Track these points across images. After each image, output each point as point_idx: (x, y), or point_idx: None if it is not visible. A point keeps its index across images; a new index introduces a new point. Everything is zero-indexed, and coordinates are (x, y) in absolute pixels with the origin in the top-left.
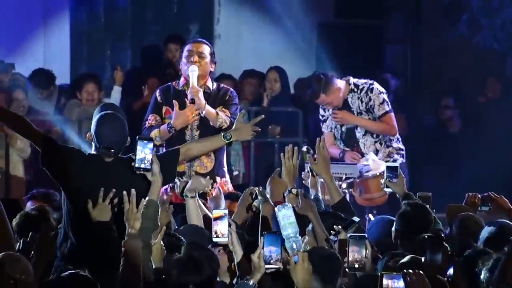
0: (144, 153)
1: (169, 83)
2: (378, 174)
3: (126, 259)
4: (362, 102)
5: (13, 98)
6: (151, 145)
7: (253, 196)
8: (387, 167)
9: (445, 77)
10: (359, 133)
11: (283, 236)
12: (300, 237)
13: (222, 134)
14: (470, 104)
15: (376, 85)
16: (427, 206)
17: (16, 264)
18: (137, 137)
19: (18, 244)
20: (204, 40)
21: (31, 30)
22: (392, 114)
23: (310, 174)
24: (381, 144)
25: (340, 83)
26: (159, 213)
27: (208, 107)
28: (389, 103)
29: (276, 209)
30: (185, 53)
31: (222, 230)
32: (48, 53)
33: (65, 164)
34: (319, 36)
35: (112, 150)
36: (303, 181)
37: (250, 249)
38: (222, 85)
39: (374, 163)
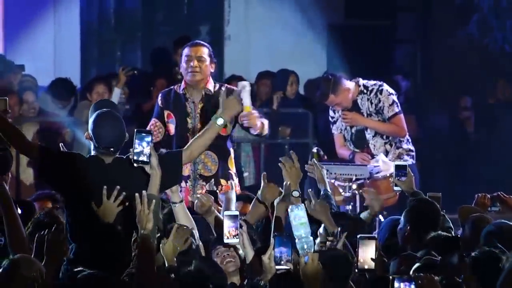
0: (141, 146)
1: (171, 87)
2: (388, 175)
3: (140, 261)
4: (371, 103)
5: (23, 100)
6: (149, 138)
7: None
8: (396, 165)
9: (455, 78)
10: (369, 135)
11: (294, 236)
12: (311, 238)
13: (213, 120)
14: (480, 105)
15: (386, 87)
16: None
17: (31, 265)
18: (135, 130)
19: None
20: (201, 42)
21: (42, 31)
22: (402, 115)
23: (316, 167)
24: (391, 145)
25: (349, 84)
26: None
27: (258, 124)
28: (398, 104)
29: (289, 209)
30: (183, 58)
31: (233, 231)
32: (58, 54)
33: (63, 172)
34: (330, 37)
35: (112, 149)
36: (308, 173)
37: (260, 250)
38: (225, 85)
39: (384, 164)
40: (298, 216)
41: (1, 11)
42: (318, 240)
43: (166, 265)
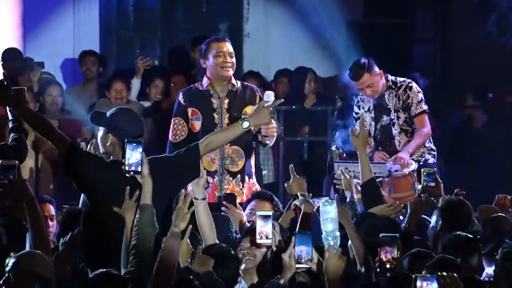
0: (134, 156)
1: (191, 85)
2: (407, 173)
3: (163, 256)
4: (399, 100)
5: (45, 94)
6: (140, 148)
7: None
8: (425, 172)
9: (474, 77)
10: (395, 130)
11: (322, 230)
12: (338, 234)
13: (240, 121)
14: (499, 103)
15: (415, 84)
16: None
17: (35, 260)
18: (125, 140)
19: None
20: (225, 38)
21: (61, 29)
22: (427, 115)
23: (343, 176)
24: None
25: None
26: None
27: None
28: (426, 103)
29: (321, 204)
30: (213, 53)
31: (266, 231)
32: (77, 52)
33: (88, 173)
34: (348, 34)
35: (140, 138)
36: (337, 186)
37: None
38: (246, 83)
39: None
40: (326, 211)
41: (21, 9)
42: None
43: (181, 265)
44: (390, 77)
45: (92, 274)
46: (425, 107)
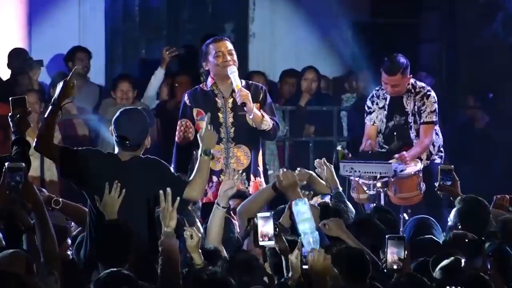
0: None
1: (196, 86)
2: (413, 173)
3: (164, 258)
4: (415, 105)
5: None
6: None
7: None
8: (441, 170)
9: (480, 77)
10: (412, 134)
11: (299, 232)
12: (317, 233)
13: (202, 154)
14: (505, 104)
15: (433, 93)
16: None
17: (18, 262)
18: None
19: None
20: (224, 37)
21: (66, 29)
22: (434, 127)
23: (326, 167)
24: (433, 145)
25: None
26: None
27: (255, 110)
28: (437, 115)
29: (293, 203)
30: (212, 53)
31: (268, 233)
32: None
33: (82, 170)
34: (355, 34)
35: (127, 142)
36: (316, 169)
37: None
38: (250, 81)
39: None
40: (300, 212)
41: (26, 9)
42: None
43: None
44: (411, 80)
45: (102, 273)
46: (434, 118)
